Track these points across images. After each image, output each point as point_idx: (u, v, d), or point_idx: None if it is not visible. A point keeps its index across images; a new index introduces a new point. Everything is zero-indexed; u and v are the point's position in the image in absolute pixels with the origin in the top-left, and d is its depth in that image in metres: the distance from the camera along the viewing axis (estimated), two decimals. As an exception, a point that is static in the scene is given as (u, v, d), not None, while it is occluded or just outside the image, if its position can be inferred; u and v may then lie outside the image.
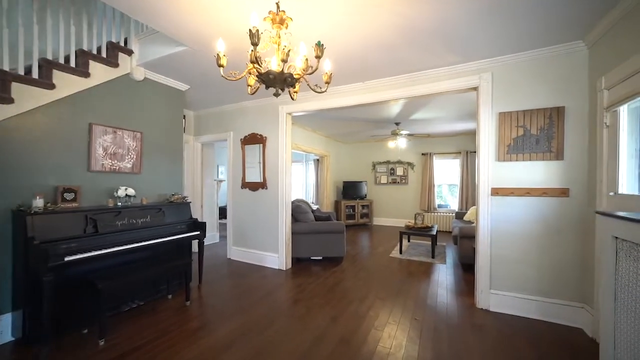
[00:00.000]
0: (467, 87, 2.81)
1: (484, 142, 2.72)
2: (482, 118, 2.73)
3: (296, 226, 4.08)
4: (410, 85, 3.06)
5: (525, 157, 2.56)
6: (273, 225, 3.94)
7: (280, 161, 3.88)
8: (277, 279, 3.52)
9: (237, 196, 4.29)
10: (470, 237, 3.80)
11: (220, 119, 4.47)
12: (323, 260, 4.24)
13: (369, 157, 8.21)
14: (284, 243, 3.86)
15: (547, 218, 2.50)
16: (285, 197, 3.85)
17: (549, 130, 2.48)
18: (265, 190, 4.02)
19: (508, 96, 2.64)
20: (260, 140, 4.01)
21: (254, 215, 4.12)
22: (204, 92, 3.75)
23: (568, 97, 2.43)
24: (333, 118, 5.35)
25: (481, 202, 2.73)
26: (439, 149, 7.25)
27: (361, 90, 3.33)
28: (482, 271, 2.73)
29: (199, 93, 3.80)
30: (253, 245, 4.15)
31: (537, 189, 2.52)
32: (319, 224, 4.14)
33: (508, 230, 2.64)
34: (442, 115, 5.03)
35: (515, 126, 2.60)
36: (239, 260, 4.26)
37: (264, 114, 4.04)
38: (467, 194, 6.79)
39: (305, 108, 3.68)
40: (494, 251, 2.69)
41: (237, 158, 4.30)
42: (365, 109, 4.67)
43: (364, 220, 7.69)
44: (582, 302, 2.38)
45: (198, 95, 3.90)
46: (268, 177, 3.99)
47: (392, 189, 7.89)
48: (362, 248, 5.18)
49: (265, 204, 4.02)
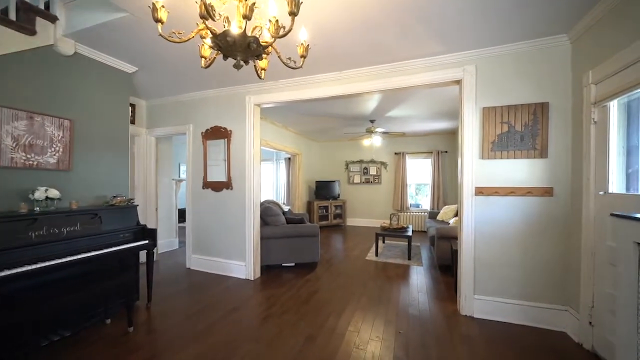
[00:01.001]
0: (450, 80, 2.64)
1: (468, 138, 2.57)
2: (465, 113, 2.57)
3: (266, 230, 3.69)
4: (389, 76, 2.83)
5: (510, 154, 2.45)
6: (239, 230, 3.51)
7: (247, 158, 3.46)
8: (244, 291, 3.10)
9: (198, 198, 3.78)
10: (448, 238, 3.70)
11: (178, 109, 3.91)
12: (296, 267, 3.89)
13: (342, 156, 8.00)
14: (251, 249, 3.44)
15: (530, 218, 2.40)
16: (253, 198, 3.44)
17: (534, 127, 2.38)
18: (230, 190, 3.57)
19: (492, 90, 2.51)
20: (225, 135, 3.55)
21: (218, 219, 3.65)
22: (157, 76, 3.20)
23: (552, 93, 2.34)
24: (306, 113, 5.02)
25: (465, 203, 2.58)
26: (411, 149, 7.25)
27: (337, 80, 3.04)
28: (465, 276, 2.57)
29: (151, 77, 3.24)
30: (216, 252, 3.67)
31: (522, 188, 2.41)
32: (291, 228, 3.78)
33: (492, 231, 2.51)
34: (417, 113, 4.94)
35: (500, 122, 2.48)
36: (200, 270, 3.75)
37: (228, 105, 3.58)
38: (439, 194, 6.86)
39: (276, 99, 3.30)
40: (478, 254, 2.55)
41: (197, 154, 3.78)
42: (340, 104, 4.40)
43: (337, 221, 7.46)
44: (565, 305, 2.30)
45: (150, 81, 3.34)
46: (234, 176, 3.55)
47: (366, 188, 7.76)
48: (337, 251, 4.91)
49: (230, 206, 3.57)
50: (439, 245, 3.80)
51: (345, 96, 3.09)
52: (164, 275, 3.59)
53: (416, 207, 7.42)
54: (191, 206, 3.81)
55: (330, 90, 3.06)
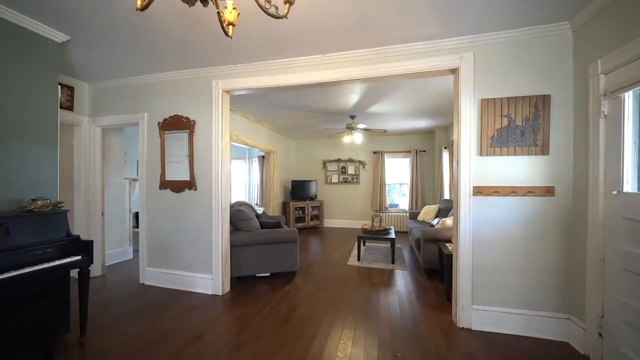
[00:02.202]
0: (446, 68, 2.39)
1: (465, 133, 2.33)
2: (462, 105, 2.34)
3: (237, 237, 3.21)
4: (378, 62, 2.52)
5: (510, 151, 2.25)
6: (205, 237, 3.00)
7: (214, 153, 2.96)
8: (210, 310, 2.62)
9: (154, 200, 3.19)
10: (435, 240, 3.50)
11: (130, 94, 3.29)
12: (272, 277, 3.46)
13: (319, 155, 7.66)
14: (220, 260, 2.95)
15: (531, 220, 2.22)
16: (221, 200, 2.95)
17: (535, 121, 2.20)
18: (193, 191, 3.04)
19: (491, 81, 2.29)
20: (187, 125, 3.02)
21: (178, 225, 3.10)
22: (101, 51, 2.59)
23: (554, 85, 2.17)
24: (282, 106, 4.59)
25: (462, 204, 2.34)
26: (390, 148, 7.10)
27: (320, 65, 2.66)
28: (462, 284, 2.34)
29: (92, 52, 2.62)
30: (177, 264, 3.13)
31: (523, 188, 2.22)
32: (266, 233, 3.35)
33: (492, 235, 2.30)
34: (399, 109, 4.73)
35: (499, 115, 2.27)
36: (157, 285, 3.17)
37: (191, 91, 3.05)
38: (417, 194, 6.77)
39: (248, 84, 2.85)
40: (476, 260, 2.32)
41: (153, 148, 3.20)
42: (320, 97, 4.04)
43: (314, 222, 7.10)
44: (567, 313, 2.14)
45: (92, 57, 2.71)
46: (198, 175, 3.03)
47: (344, 188, 7.49)
48: (316, 256, 4.55)
49: (193, 209, 3.04)
50: (426, 249, 3.58)
51: (328, 84, 2.72)
52: (110, 295, 2.97)
53: (394, 207, 7.29)
54: (145, 210, 3.21)
55: (311, 76, 2.68)
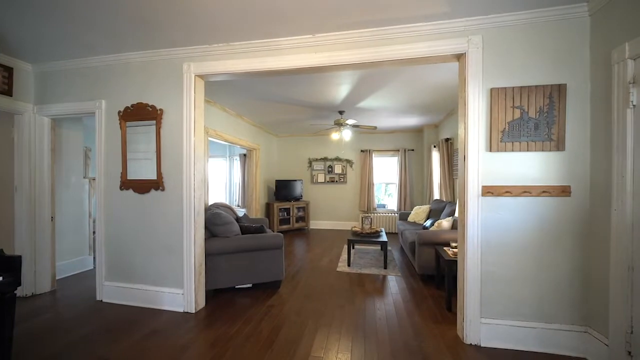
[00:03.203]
0: (452, 54, 2.13)
1: (473, 127, 2.08)
2: (470, 95, 2.08)
3: (213, 244, 2.81)
4: (376, 44, 2.22)
5: (522, 146, 2.02)
6: (175, 246, 2.58)
7: (186, 148, 2.55)
8: (178, 334, 2.21)
9: (114, 202, 2.73)
10: (431, 244, 3.26)
11: (84, 78, 2.79)
12: (254, 289, 3.08)
13: (304, 153, 7.30)
14: (192, 271, 2.55)
15: (544, 223, 2.00)
16: (194, 202, 2.54)
17: (549, 114, 1.98)
18: (161, 192, 2.61)
19: (501, 68, 2.05)
20: (153, 115, 2.59)
21: (143, 232, 2.66)
22: (46, 22, 2.11)
23: (570, 73, 1.96)
24: (265, 98, 4.21)
25: (469, 205, 2.08)
26: (378, 146, 6.88)
27: (310, 46, 2.33)
28: (470, 295, 2.08)
29: (35, 26, 2.14)
30: (141, 278, 2.68)
31: (536, 187, 2.00)
32: (248, 239, 2.97)
33: (501, 240, 2.06)
34: (391, 105, 4.48)
35: (511, 107, 2.03)
36: (118, 302, 2.71)
37: (159, 75, 2.62)
38: (406, 194, 6.59)
39: (226, 68, 2.46)
40: (485, 268, 2.08)
41: (112, 142, 2.73)
42: (307, 88, 3.70)
43: (300, 224, 6.74)
44: (585, 325, 1.94)
45: (35, 31, 2.22)
46: (166, 173, 2.60)
47: (330, 188, 7.18)
48: (303, 262, 4.20)
49: (161, 213, 2.61)
50: (421, 253, 3.34)
51: (318, 69, 2.39)
52: (56, 317, 2.48)
53: (382, 208, 7.08)
54: (103, 215, 2.74)
55: (299, 59, 2.34)
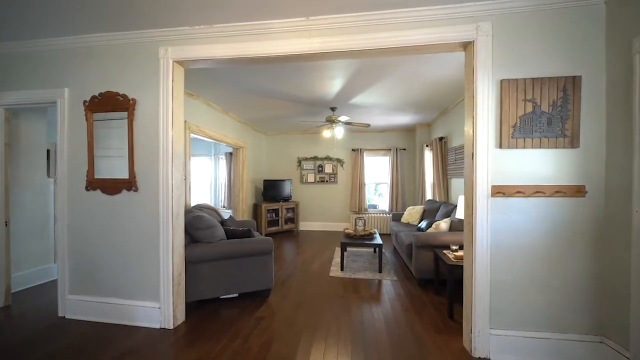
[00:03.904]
0: (459, 41, 1.96)
1: (482, 121, 1.92)
2: (479, 87, 1.92)
3: (195, 250, 2.53)
4: (376, 30, 2.02)
5: (535, 142, 1.87)
6: (150, 254, 2.29)
7: (163, 143, 2.26)
8: (155, 354, 1.92)
9: (80, 204, 2.40)
10: (430, 247, 3.10)
11: (44, 63, 2.44)
12: (240, 299, 2.81)
13: (294, 152, 7.05)
14: (170, 282, 2.26)
15: (557, 225, 1.86)
16: (171, 204, 2.26)
17: (563, 108, 1.84)
18: (134, 192, 2.31)
19: (512, 58, 1.90)
20: (124, 106, 2.28)
21: (114, 238, 2.35)
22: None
23: (585, 64, 1.83)
24: (253, 92, 3.94)
25: (478, 207, 1.92)
26: (369, 145, 6.72)
27: (303, 30, 2.10)
28: (479, 304, 1.92)
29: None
30: (111, 290, 2.36)
31: (550, 187, 1.85)
32: (233, 244, 2.70)
33: (512, 244, 1.90)
34: (385, 101, 4.31)
35: (522, 100, 1.88)
36: (83, 319, 2.38)
37: (130, 60, 2.31)
38: (397, 194, 6.47)
39: (211, 53, 2.19)
40: (495, 275, 1.92)
41: (77, 135, 2.40)
42: (298, 81, 3.47)
43: (289, 226, 6.48)
44: (600, 335, 1.81)
45: (-29, 1, 1.88)
46: (140, 171, 2.30)
47: (321, 188, 6.96)
48: (293, 266, 3.96)
49: (134, 216, 2.31)
50: (419, 256, 3.17)
51: (312, 56, 2.17)
52: (8, 337, 2.13)
53: (373, 208, 6.92)
54: (66, 219, 2.40)
55: (291, 45, 2.10)
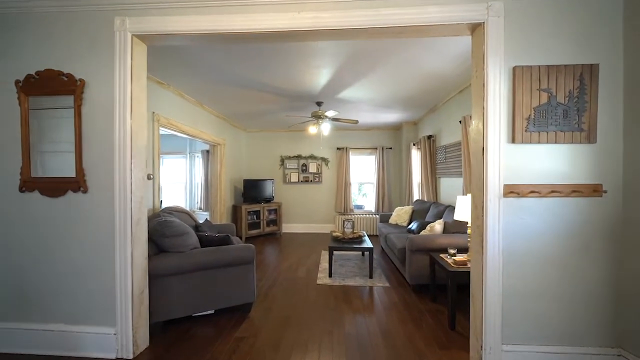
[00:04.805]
0: (467, 22, 1.73)
1: (493, 113, 1.71)
2: (490, 75, 1.71)
3: (163, 262, 2.15)
4: (374, 6, 1.75)
5: (550, 137, 1.69)
6: (103, 268, 1.88)
7: (119, 134, 1.86)
8: (104, 397, 1.54)
9: (11, 208, 1.93)
10: (425, 251, 2.90)
11: (-35, 35, 1.96)
12: (217, 315, 2.45)
13: (276, 150, 6.69)
14: (129, 302, 1.87)
15: (573, 228, 1.69)
16: (131, 208, 1.86)
17: (580, 99, 1.68)
18: (82, 194, 1.89)
19: (526, 42, 1.71)
20: (69, 88, 1.85)
21: (56, 249, 1.91)
22: None
23: (603, 51, 1.67)
24: (231, 82, 3.57)
25: (489, 209, 1.71)
26: (355, 144, 6.51)
27: (291, 3, 1.79)
28: (490, 317, 1.71)
29: None
30: (51, 314, 1.92)
31: (566, 186, 1.68)
32: (208, 253, 2.34)
33: (525, 249, 1.71)
34: (374, 96, 4.09)
35: (537, 89, 1.69)
36: (13, 352, 1.91)
37: (77, 32, 1.89)
38: (384, 193, 6.30)
39: (180, 27, 1.82)
40: (507, 283, 1.72)
41: (7, 123, 1.93)
42: (281, 71, 3.16)
43: (271, 228, 6.12)
44: (617, 347, 1.66)
45: None
46: (91, 168, 1.89)
47: (305, 188, 6.66)
48: (277, 274, 3.63)
49: (83, 222, 1.89)
50: (413, 261, 2.97)
51: (301, 35, 1.87)
52: None
53: (358, 209, 6.72)
54: (-7, 227, 1.93)
55: (277, 20, 1.79)
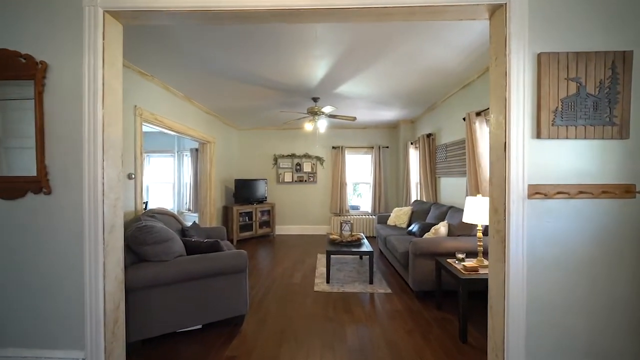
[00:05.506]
0: (486, 3, 1.55)
1: (517, 105, 1.53)
2: (513, 62, 1.53)
3: (142, 272, 1.90)
4: (387, -12, 1.56)
5: (579, 132, 1.52)
6: (70, 283, 1.62)
7: (89, 126, 1.60)
8: None
9: (-39, 214, 1.65)
10: (431, 255, 2.72)
11: None
12: (205, 330, 2.21)
13: (269, 149, 6.44)
14: (101, 321, 1.61)
15: (603, 233, 1.53)
16: (103, 212, 1.61)
17: (612, 89, 1.51)
18: (45, 196, 1.62)
19: (553, 26, 1.54)
20: (29, 72, 1.58)
21: (12, 261, 1.63)
22: None
23: (637, 37, 1.52)
24: (222, 74, 3.32)
25: (512, 212, 1.53)
26: (351, 143, 6.32)
27: (292, -20, 1.58)
28: (513, 334, 1.53)
29: None
30: (7, 338, 1.65)
31: (595, 186, 1.52)
32: (196, 262, 2.09)
33: (551, 256, 1.54)
34: (372, 92, 3.90)
35: (565, 79, 1.52)
36: (-33, 379, 1.64)
37: (38, 6, 1.62)
38: (380, 194, 6.14)
39: (160, 2, 1.57)
40: (533, 295, 1.54)
41: (-42, 115, 1.65)
42: (277, 61, 2.93)
43: (264, 230, 5.87)
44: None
45: None
46: (56, 166, 1.62)
47: (299, 188, 6.43)
48: (271, 280, 3.40)
49: (45, 229, 1.62)
50: (418, 266, 2.78)
51: (299, 13, 1.64)
52: None
53: (354, 209, 6.54)
54: (-63, 235, 1.64)
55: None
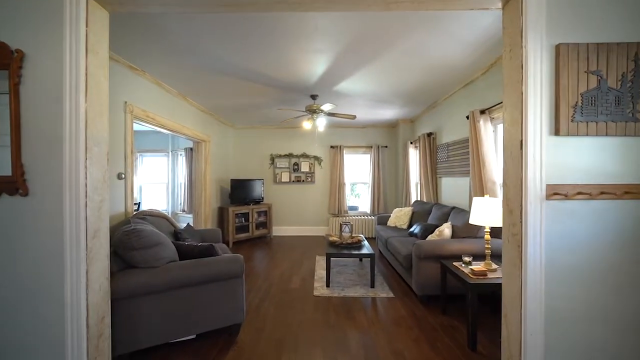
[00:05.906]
0: (503, -8, 1.46)
1: (534, 100, 1.43)
2: (530, 53, 1.43)
3: (131, 280, 1.76)
4: (395, -26, 1.45)
5: (600, 128, 1.42)
6: (48, 293, 1.47)
7: (71, 121, 1.46)
8: None
9: None
10: (435, 258, 2.62)
11: None
12: (198, 341, 2.07)
13: (266, 148, 6.31)
14: (82, 336, 1.47)
15: (627, 236, 1.44)
16: (86, 215, 1.47)
17: (635, 83, 1.42)
18: (21, 198, 1.48)
19: (571, 16, 1.44)
20: (3, 62, 1.44)
21: (-12, 269, 1.49)
22: None
23: (660, 28, 1.43)
24: (217, 69, 3.18)
25: (530, 214, 1.43)
26: (349, 142, 6.22)
27: (293, -37, 1.46)
28: (531, 345, 1.43)
29: None
30: (-17, 351, 1.51)
31: (617, 186, 1.42)
32: (189, 268, 1.96)
33: (570, 262, 1.45)
34: (372, 90, 3.80)
35: (585, 72, 1.43)
36: None
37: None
38: (379, 194, 6.04)
39: (147, -14, 1.45)
40: (550, 303, 1.44)
41: None
42: (275, 56, 2.80)
43: (261, 231, 5.73)
44: (676, 376, 1.42)
45: None
46: (33, 165, 1.48)
47: (296, 189, 6.31)
48: (269, 284, 3.27)
49: (22, 235, 1.48)
50: (422, 269, 2.68)
51: (299, 2, 1.53)
52: None
53: (353, 210, 6.43)
54: None
55: (275, -17, 1.45)
